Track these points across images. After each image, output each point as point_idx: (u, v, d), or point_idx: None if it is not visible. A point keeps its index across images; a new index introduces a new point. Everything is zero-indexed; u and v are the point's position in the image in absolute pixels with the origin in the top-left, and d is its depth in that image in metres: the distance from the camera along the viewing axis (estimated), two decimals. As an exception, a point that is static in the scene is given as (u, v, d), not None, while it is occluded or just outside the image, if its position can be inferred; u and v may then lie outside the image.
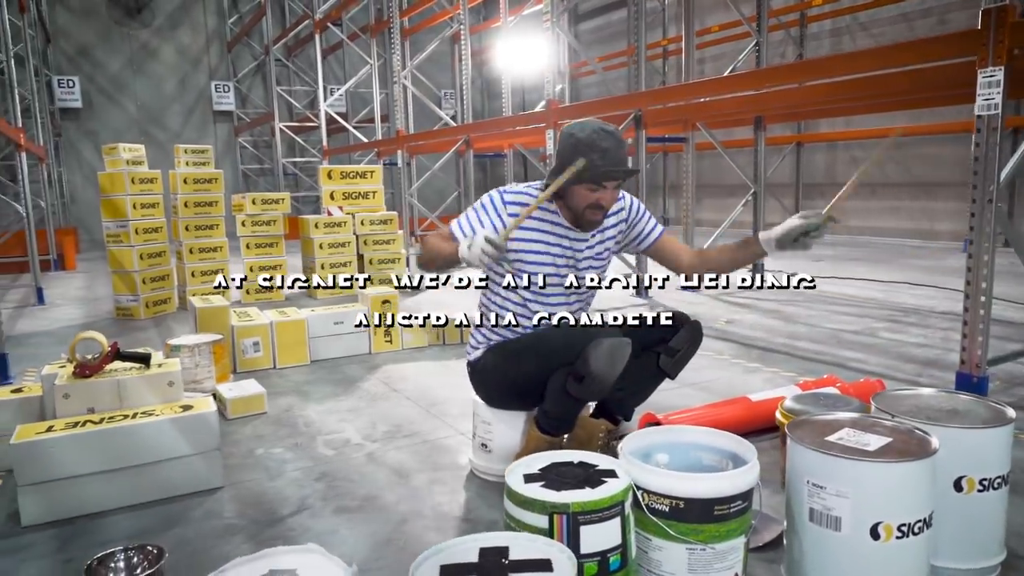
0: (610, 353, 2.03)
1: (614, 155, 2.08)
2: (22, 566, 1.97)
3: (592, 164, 2.06)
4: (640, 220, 2.35)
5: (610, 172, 2.07)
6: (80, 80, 14.07)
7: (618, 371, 2.05)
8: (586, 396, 2.11)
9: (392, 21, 8.29)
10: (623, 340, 2.07)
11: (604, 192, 2.12)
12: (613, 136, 2.10)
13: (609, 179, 2.10)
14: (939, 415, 1.83)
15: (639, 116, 5.72)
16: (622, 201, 2.33)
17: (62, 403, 2.39)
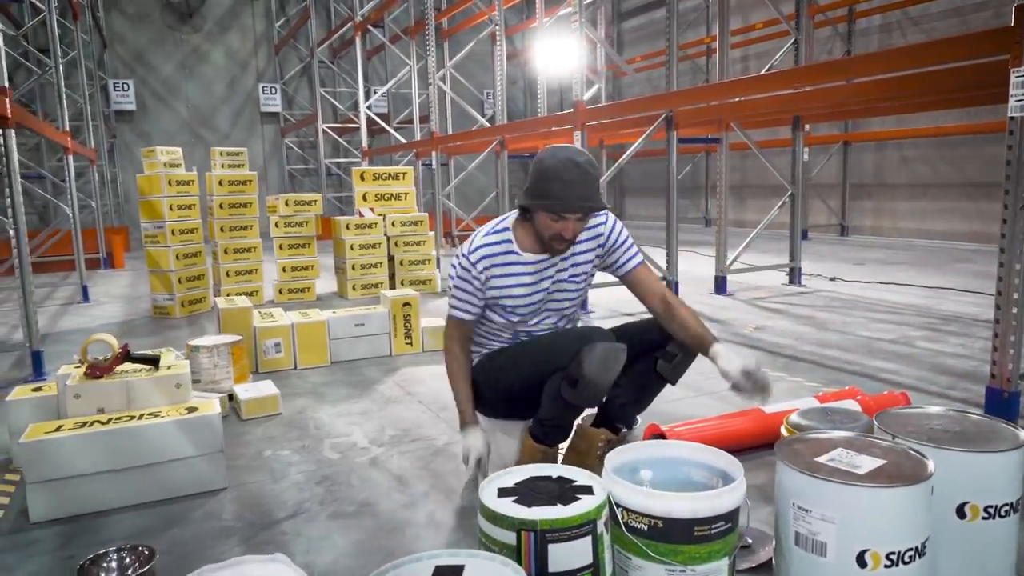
0: (604, 357, 2.00)
1: (577, 189, 2.05)
2: (26, 562, 2.03)
3: (552, 195, 2.04)
4: (618, 248, 2.29)
5: (568, 206, 2.04)
6: (134, 83, 14.54)
7: (613, 375, 2.01)
8: (580, 401, 2.07)
9: (428, 22, 8.33)
10: (617, 344, 2.04)
11: (566, 223, 2.09)
12: (580, 168, 2.06)
13: (567, 211, 2.06)
14: (943, 436, 1.74)
15: (670, 117, 5.61)
16: (603, 226, 2.29)
17: (73, 403, 2.46)
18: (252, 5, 15.57)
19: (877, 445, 1.70)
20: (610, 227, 2.29)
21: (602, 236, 2.28)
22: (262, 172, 15.85)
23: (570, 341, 2.08)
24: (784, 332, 4.65)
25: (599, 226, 2.28)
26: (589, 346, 2.01)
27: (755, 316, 5.21)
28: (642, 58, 14.40)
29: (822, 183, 11.26)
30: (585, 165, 2.07)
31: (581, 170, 2.05)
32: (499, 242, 2.23)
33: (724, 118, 5.79)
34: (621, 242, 2.29)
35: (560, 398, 2.09)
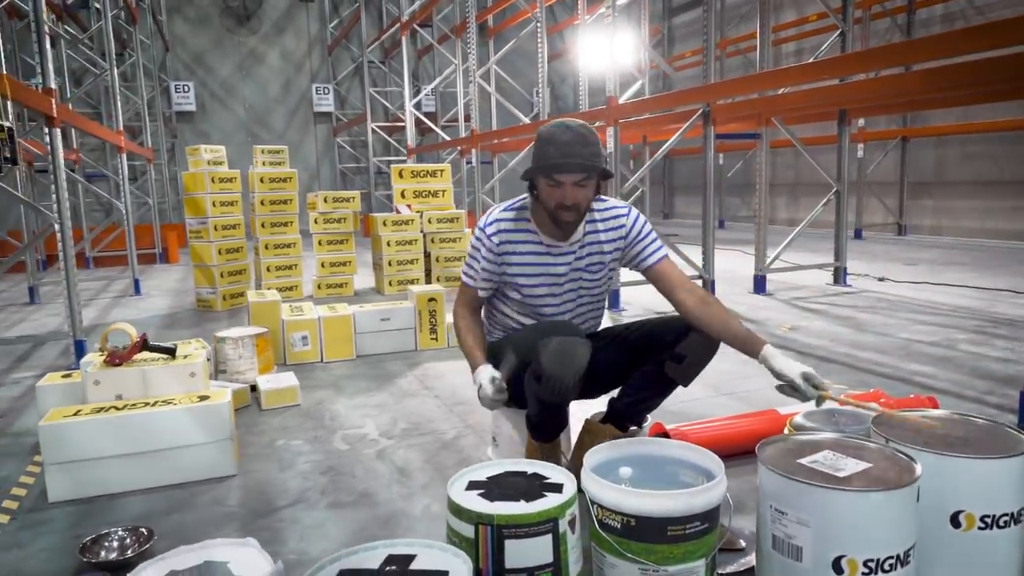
0: (559, 352, 1.94)
1: (570, 149, 2.01)
2: (38, 539, 2.13)
3: (546, 158, 2.02)
4: (640, 240, 2.24)
5: (559, 165, 2.01)
6: (194, 85, 15.05)
7: (573, 370, 1.93)
8: (548, 397, 2.01)
9: (469, 21, 8.37)
10: (575, 340, 1.97)
11: (564, 189, 2.04)
12: (572, 131, 2.03)
13: (559, 172, 2.02)
14: (941, 441, 1.66)
15: (707, 112, 5.50)
16: (624, 218, 2.24)
17: (93, 389, 2.56)
18: (307, 7, 15.91)
19: (866, 448, 1.63)
20: (632, 219, 2.25)
21: (623, 228, 2.24)
22: (314, 171, 16.23)
23: (536, 335, 2.04)
24: (819, 333, 4.50)
25: (620, 218, 2.24)
26: (544, 340, 1.96)
27: (792, 316, 5.06)
28: (692, 53, 14.15)
29: (878, 180, 10.86)
30: (578, 128, 2.04)
31: (573, 132, 2.03)
32: (517, 219, 2.21)
33: (764, 112, 5.64)
34: (644, 235, 2.25)
35: (533, 394, 2.07)
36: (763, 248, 5.98)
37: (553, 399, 2.02)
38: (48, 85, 3.93)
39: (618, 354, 2.30)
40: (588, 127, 2.08)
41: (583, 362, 1.96)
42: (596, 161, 2.05)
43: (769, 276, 6.25)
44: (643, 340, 2.26)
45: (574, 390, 2.00)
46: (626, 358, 2.29)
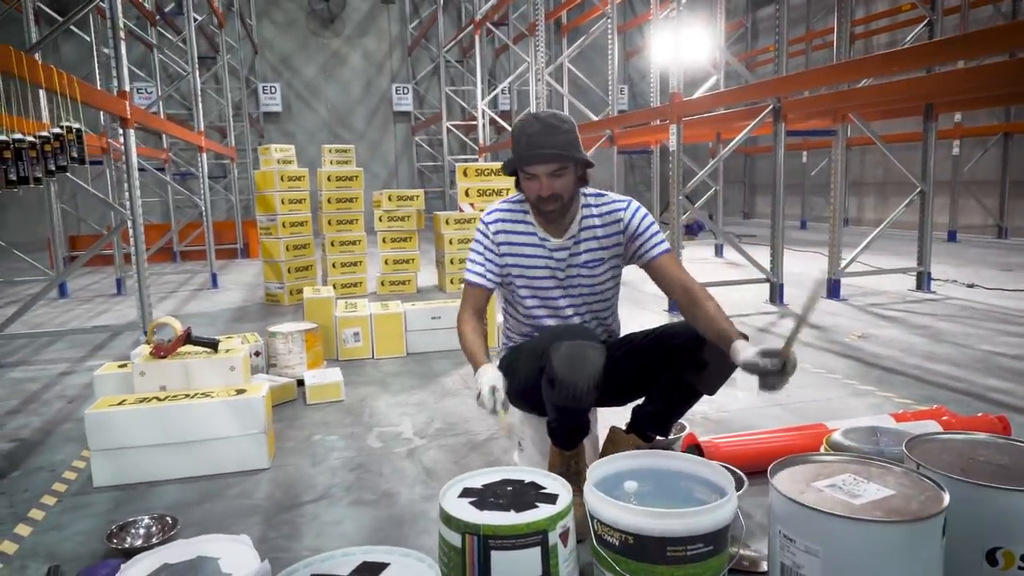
0: (569, 356, 1.87)
1: (539, 139, 1.98)
2: (77, 522, 2.23)
3: (516, 149, 2.02)
4: (640, 234, 2.15)
5: (528, 156, 1.99)
6: (280, 86, 15.63)
7: (586, 375, 1.86)
8: (561, 402, 1.95)
9: (539, 20, 8.32)
10: (585, 344, 1.90)
11: (539, 181, 2.02)
12: (540, 121, 2.01)
13: (529, 163, 2.00)
14: (980, 469, 1.51)
15: (777, 107, 5.26)
16: (622, 212, 2.17)
17: (139, 380, 2.67)
18: (388, 8, 16.26)
19: (893, 473, 1.50)
20: (631, 212, 2.17)
21: (621, 222, 2.17)
22: (392, 169, 16.58)
23: (548, 340, 1.98)
24: (890, 342, 4.23)
25: (618, 212, 2.17)
26: (555, 345, 1.90)
27: (864, 323, 4.78)
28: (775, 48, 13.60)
29: (976, 179, 10.15)
30: (546, 118, 2.01)
31: (540, 122, 2.00)
32: (516, 211, 2.20)
33: (840, 108, 5.34)
34: (645, 228, 2.16)
35: (548, 399, 2.01)
36: (837, 251, 5.68)
37: (567, 404, 1.96)
38: (123, 88, 4.15)
39: (640, 360, 2.21)
40: (560, 116, 2.03)
41: (596, 367, 1.89)
42: (568, 150, 1.99)
43: (846, 280, 5.93)
44: (663, 346, 2.17)
45: (589, 396, 1.92)
46: (648, 364, 2.20)
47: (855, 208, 12.86)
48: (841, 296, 5.69)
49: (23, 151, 2.62)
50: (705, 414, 3.07)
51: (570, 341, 1.91)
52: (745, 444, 2.38)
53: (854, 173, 12.86)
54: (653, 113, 5.51)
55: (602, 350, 1.93)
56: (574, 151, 2.02)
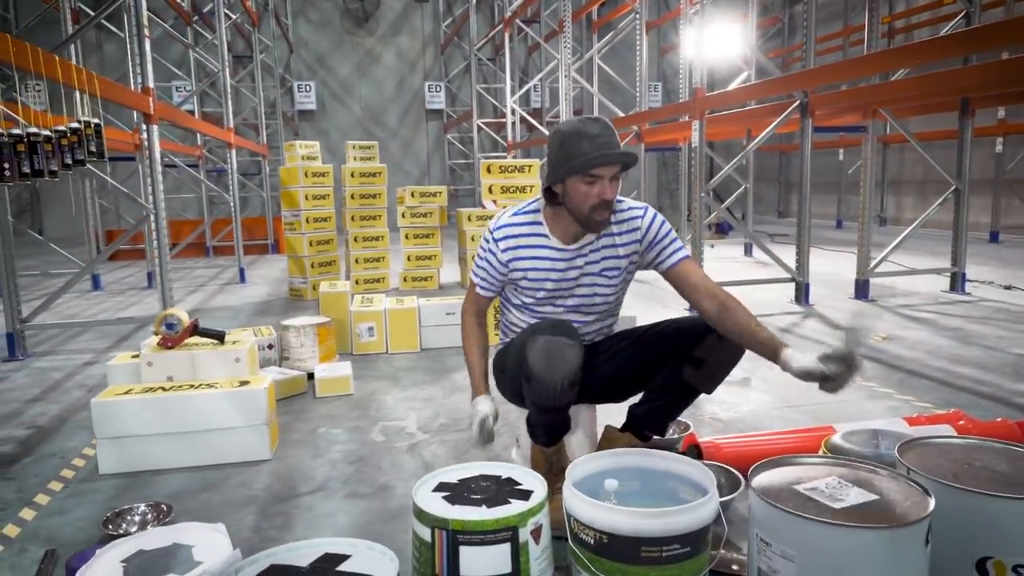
0: (545, 351, 1.84)
1: (604, 140, 1.92)
2: (78, 508, 2.27)
3: (582, 153, 1.91)
4: (659, 241, 2.11)
5: (602, 157, 1.90)
6: (315, 85, 15.82)
7: (563, 372, 1.84)
8: (539, 399, 1.93)
9: (565, 17, 8.27)
10: (562, 341, 1.87)
11: (603, 185, 1.94)
12: (600, 123, 1.96)
13: (600, 165, 1.91)
14: (974, 475, 1.44)
15: (805, 103, 5.14)
16: (639, 220, 2.12)
17: (146, 370, 2.72)
18: (421, 7, 16.34)
19: (880, 477, 1.45)
20: (648, 220, 2.13)
21: (639, 231, 2.12)
22: (425, 167, 16.67)
23: (527, 335, 1.96)
24: (916, 344, 4.10)
25: (636, 219, 2.12)
26: (532, 339, 1.88)
27: (891, 325, 4.64)
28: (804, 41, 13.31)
29: (1021, 178, 9.79)
30: (602, 121, 1.97)
31: (601, 124, 1.95)
32: (527, 223, 2.13)
33: (870, 103, 5.19)
34: (663, 235, 2.12)
35: (527, 396, 1.99)
36: (866, 250, 5.53)
37: (544, 402, 1.94)
38: (147, 84, 4.23)
39: (637, 357, 2.18)
40: (608, 121, 1.99)
41: (573, 364, 1.87)
42: (630, 153, 1.95)
43: (876, 281, 5.77)
44: (661, 343, 2.13)
45: (565, 393, 1.89)
46: (645, 361, 2.16)
47: (893, 207, 12.53)
48: (869, 297, 5.54)
49: (38, 144, 2.68)
50: (715, 414, 3.02)
51: (547, 337, 1.89)
52: (747, 445, 2.32)
53: (892, 171, 12.54)
54: (678, 108, 5.42)
55: (579, 346, 1.90)
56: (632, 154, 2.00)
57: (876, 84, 4.98)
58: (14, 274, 4.25)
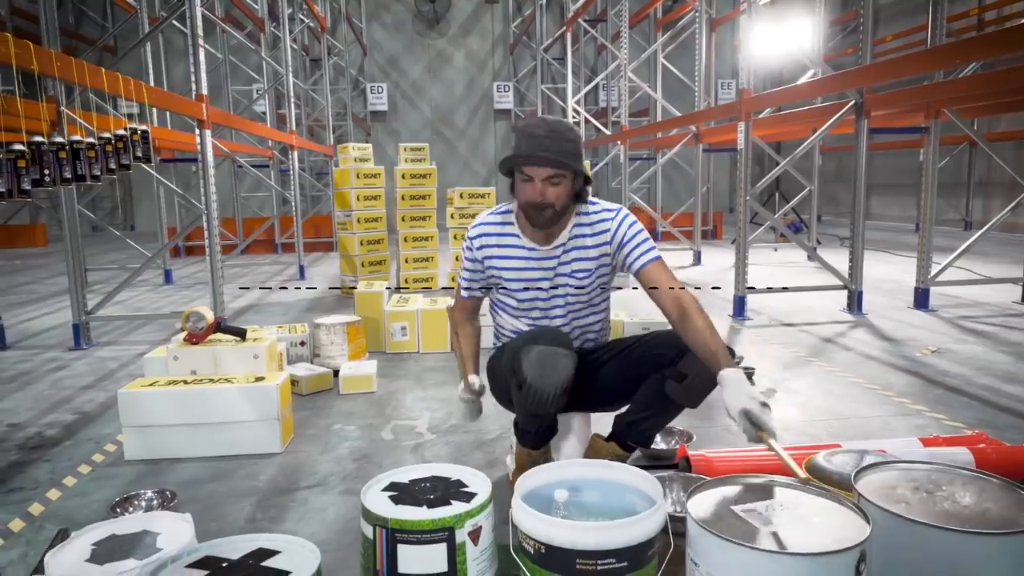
0: (539, 361, 1.88)
1: (542, 143, 1.94)
2: (99, 491, 2.44)
3: (517, 149, 1.99)
4: (627, 243, 2.10)
5: (529, 157, 1.95)
6: (387, 86, 16.22)
7: (554, 382, 1.87)
8: (528, 406, 1.96)
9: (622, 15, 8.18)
10: (557, 350, 1.90)
11: (534, 185, 1.98)
12: (547, 125, 1.98)
13: (528, 164, 1.97)
14: (929, 505, 1.38)
15: (860, 103, 4.93)
16: (609, 221, 2.12)
17: (172, 364, 2.88)
18: (492, 8, 16.50)
19: (826, 501, 1.40)
20: (618, 222, 2.12)
21: (608, 232, 2.12)
22: (492, 167, 16.82)
23: (522, 343, 1.98)
24: (967, 359, 3.88)
25: (606, 221, 2.13)
26: (527, 348, 1.91)
27: (945, 337, 4.40)
28: (894, 36, 12.71)
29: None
30: (554, 124, 1.99)
31: (547, 126, 1.98)
32: (500, 222, 2.19)
33: (932, 102, 4.93)
34: (631, 237, 2.11)
35: (517, 401, 2.01)
36: (927, 257, 5.25)
37: (535, 409, 1.97)
38: (200, 92, 4.46)
39: (623, 368, 2.17)
40: (567, 125, 2.00)
41: (566, 374, 1.90)
42: (569, 160, 1.95)
43: (939, 290, 5.49)
44: (646, 355, 2.12)
45: (557, 401, 1.93)
46: (630, 373, 2.15)
47: (980, 210, 11.82)
48: (930, 307, 5.27)
49: (81, 151, 2.89)
50: (728, 426, 2.95)
51: (542, 346, 1.91)
52: (740, 460, 2.27)
53: (980, 172, 11.83)
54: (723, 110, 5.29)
55: (573, 356, 1.93)
56: (574, 161, 2.00)
57: (937, 83, 4.73)
58: (81, 269, 4.56)
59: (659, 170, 10.64)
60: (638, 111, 13.37)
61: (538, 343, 1.93)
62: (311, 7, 8.75)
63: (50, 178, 2.69)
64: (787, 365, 3.86)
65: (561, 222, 2.12)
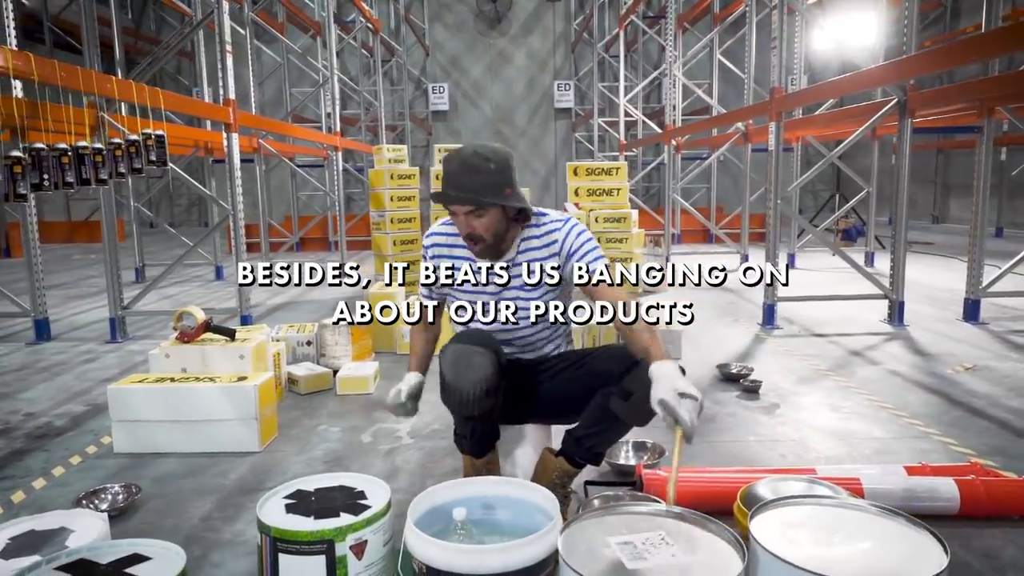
0: (454, 360, 1.87)
1: (454, 180, 1.93)
2: (82, 481, 2.54)
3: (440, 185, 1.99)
4: (573, 254, 2.04)
5: (437, 195, 1.97)
6: (448, 86, 16.38)
7: (471, 380, 1.85)
8: (452, 407, 1.96)
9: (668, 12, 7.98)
10: (472, 348, 1.87)
11: (459, 219, 1.98)
12: (459, 159, 1.95)
13: (439, 202, 1.98)
14: (824, 547, 1.28)
15: (903, 101, 4.64)
16: (557, 232, 2.06)
17: (164, 361, 2.99)
18: (553, 7, 16.42)
19: (717, 540, 1.31)
20: (565, 232, 2.07)
21: (556, 244, 2.07)
22: (552, 166, 16.80)
23: (447, 344, 1.97)
24: (1002, 378, 3.60)
25: (554, 232, 2.08)
26: (444, 348, 1.91)
27: (986, 353, 4.10)
28: (975, 28, 11.93)
29: None
30: (468, 157, 1.94)
31: (459, 161, 1.95)
32: (452, 233, 2.17)
33: (985, 100, 4.59)
34: (577, 248, 2.05)
35: (445, 405, 1.99)
36: (978, 266, 4.91)
37: (459, 410, 1.98)
38: (228, 96, 4.61)
39: (572, 381, 2.11)
40: (485, 155, 1.94)
41: (482, 372, 1.87)
42: (484, 193, 1.90)
43: (999, 301, 5.13)
44: (594, 368, 2.05)
45: (478, 401, 1.90)
46: (580, 386, 2.08)
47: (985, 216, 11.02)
48: (980, 319, 4.92)
49: (85, 157, 3.04)
50: (716, 443, 2.83)
51: (457, 345, 1.90)
52: (695, 482, 2.17)
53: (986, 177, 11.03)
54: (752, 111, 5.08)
55: (489, 355, 1.90)
56: (488, 195, 1.93)
57: (989, 77, 4.40)
58: (117, 265, 4.79)
59: (714, 171, 10.37)
60: (697, 109, 13.05)
61: (454, 343, 1.93)
62: (361, 8, 8.91)
63: (49, 182, 2.84)
64: (801, 379, 3.68)
65: (506, 241, 2.08)
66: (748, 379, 3.51)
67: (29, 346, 4.74)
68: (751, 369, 3.68)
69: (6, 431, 3.11)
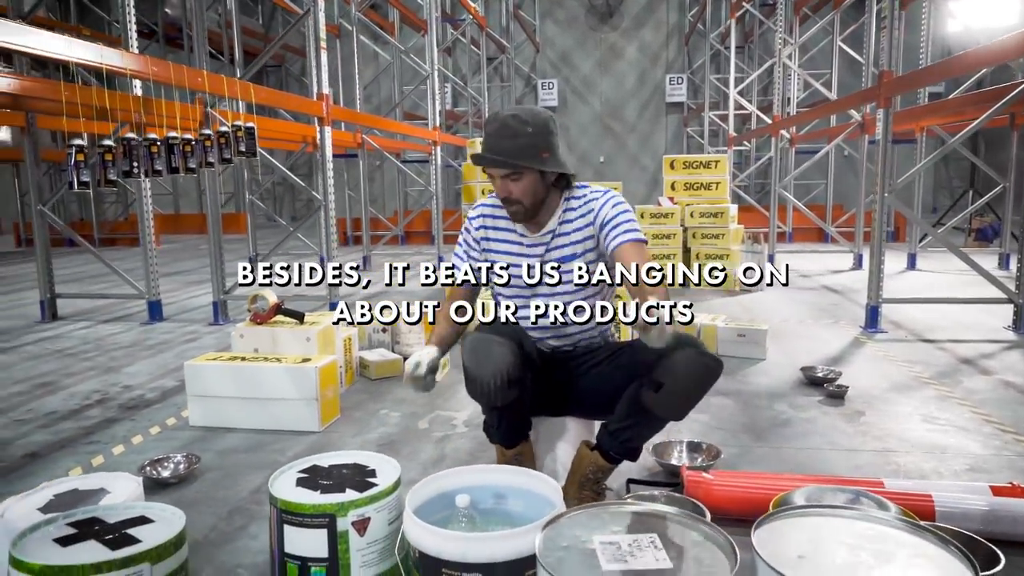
0: (472, 349, 1.83)
1: (491, 142, 1.91)
2: (155, 450, 2.69)
3: None
4: (607, 223, 1.97)
5: (477, 157, 1.95)
6: (558, 82, 16.34)
7: (490, 370, 1.79)
8: (475, 396, 1.90)
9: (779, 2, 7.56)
10: (491, 338, 1.82)
11: (496, 182, 1.96)
12: (499, 122, 1.91)
13: (477, 164, 1.97)
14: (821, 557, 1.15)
15: (1036, 85, 4.16)
16: (594, 201, 2.00)
17: (238, 341, 3.14)
18: (667, -1, 16.02)
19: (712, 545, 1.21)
20: (602, 202, 2.01)
21: (592, 213, 2.01)
22: (660, 162, 16.34)
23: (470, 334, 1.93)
24: None
25: (591, 202, 2.03)
26: (464, 337, 1.87)
27: None
28: None
29: None
30: (505, 119, 1.91)
31: (499, 123, 1.93)
32: (495, 205, 2.16)
33: None
34: (612, 217, 1.98)
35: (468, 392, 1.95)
36: None
37: (481, 400, 1.94)
38: (322, 91, 4.79)
39: (608, 373, 2.05)
40: (523, 117, 1.89)
41: (501, 363, 1.81)
42: (518, 156, 1.84)
43: None
44: (629, 360, 1.96)
45: (500, 392, 1.84)
46: (615, 379, 2.01)
47: None
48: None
49: (175, 147, 3.24)
50: (784, 448, 2.64)
51: (476, 335, 1.86)
52: (739, 488, 2.02)
53: None
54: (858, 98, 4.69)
55: (510, 346, 1.84)
56: (524, 158, 1.90)
57: None
58: (220, 253, 5.09)
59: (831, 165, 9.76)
60: (815, 102, 12.32)
61: (478, 332, 1.89)
62: (466, 6, 9.03)
63: (139, 169, 3.05)
64: (896, 386, 3.38)
65: (544, 211, 2.04)
66: (834, 384, 3.25)
67: (143, 326, 5.13)
68: (838, 373, 3.41)
69: (103, 401, 3.37)
